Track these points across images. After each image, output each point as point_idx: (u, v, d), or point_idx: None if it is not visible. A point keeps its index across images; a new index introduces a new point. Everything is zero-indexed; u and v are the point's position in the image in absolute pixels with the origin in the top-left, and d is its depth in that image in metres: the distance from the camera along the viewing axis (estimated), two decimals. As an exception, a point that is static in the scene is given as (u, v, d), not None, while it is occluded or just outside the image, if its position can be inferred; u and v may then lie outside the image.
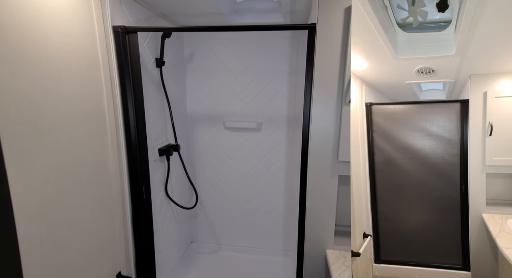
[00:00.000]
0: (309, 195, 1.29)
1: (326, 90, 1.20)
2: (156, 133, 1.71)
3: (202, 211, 2.37)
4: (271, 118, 2.11)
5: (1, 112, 0.77)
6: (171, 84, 1.92)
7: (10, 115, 0.80)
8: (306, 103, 1.22)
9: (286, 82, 2.05)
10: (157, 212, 1.74)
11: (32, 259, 0.88)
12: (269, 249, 2.33)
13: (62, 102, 1.00)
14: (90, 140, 1.15)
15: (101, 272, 1.24)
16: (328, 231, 1.31)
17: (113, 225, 1.31)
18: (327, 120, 1.22)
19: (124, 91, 1.29)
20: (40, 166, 0.91)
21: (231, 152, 2.21)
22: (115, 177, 1.32)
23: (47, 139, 0.94)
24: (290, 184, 2.19)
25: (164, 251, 1.88)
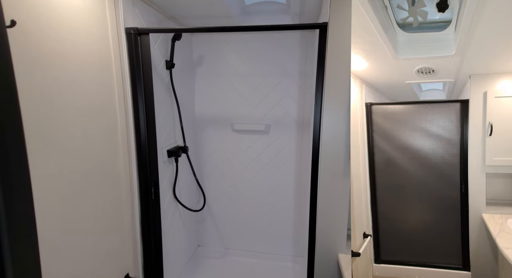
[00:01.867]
0: (320, 197, 1.26)
1: (338, 89, 1.19)
2: (165, 135, 1.72)
3: (209, 214, 2.35)
4: (280, 121, 2.10)
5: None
6: (180, 87, 1.92)
7: (26, 111, 0.81)
8: (317, 103, 1.22)
9: (295, 85, 2.04)
10: (165, 214, 1.74)
11: (44, 257, 0.88)
12: (278, 254, 2.29)
13: (76, 101, 1.02)
14: (101, 139, 1.16)
15: (111, 274, 1.24)
16: (340, 234, 1.27)
17: (122, 226, 1.31)
18: (338, 120, 1.20)
19: (135, 91, 1.31)
20: (53, 162, 0.92)
21: (239, 154, 2.20)
22: (125, 176, 1.32)
23: (61, 135, 0.95)
24: (299, 187, 2.17)
25: (171, 254, 1.87)
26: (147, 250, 1.43)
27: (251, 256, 2.31)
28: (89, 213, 1.10)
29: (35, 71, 0.85)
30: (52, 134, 0.92)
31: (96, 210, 1.13)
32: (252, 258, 2.29)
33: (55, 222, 0.94)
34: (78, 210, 1.04)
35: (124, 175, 1.32)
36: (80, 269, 1.05)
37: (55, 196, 0.94)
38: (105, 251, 1.19)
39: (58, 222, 0.95)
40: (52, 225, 0.93)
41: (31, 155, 0.83)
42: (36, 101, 0.86)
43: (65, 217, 0.98)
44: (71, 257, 1.01)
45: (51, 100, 0.91)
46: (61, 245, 0.96)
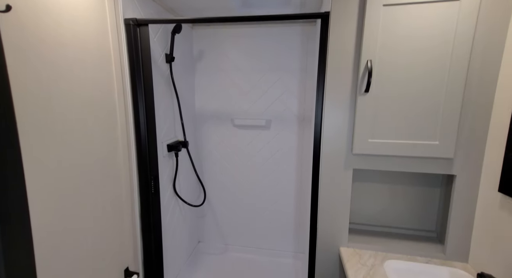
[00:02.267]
0: (322, 190, 1.26)
1: (340, 80, 1.17)
2: (165, 129, 1.70)
3: (209, 210, 2.34)
4: (280, 116, 2.08)
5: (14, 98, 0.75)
6: (180, 81, 1.90)
7: (22, 100, 0.80)
8: (319, 94, 1.20)
9: (296, 80, 2.02)
10: (165, 209, 1.73)
11: (43, 249, 0.87)
12: (278, 250, 2.28)
13: (74, 89, 1.00)
14: (100, 130, 1.14)
15: (111, 267, 1.22)
16: (342, 228, 1.27)
17: (122, 219, 1.29)
18: (340, 111, 1.19)
19: (134, 83, 1.29)
20: (52, 153, 0.90)
21: (240, 150, 2.19)
22: (124, 169, 1.30)
23: (59, 124, 0.93)
24: (300, 183, 2.15)
25: (171, 249, 1.86)
26: (147, 243, 1.41)
27: (251, 252, 2.29)
28: (89, 205, 1.08)
29: (32, 56, 0.84)
30: (50, 122, 0.90)
31: (96, 202, 1.12)
32: (253, 254, 2.28)
33: (55, 212, 0.92)
34: (77, 201, 1.02)
35: (124, 167, 1.30)
36: (79, 260, 1.04)
37: (54, 191, 0.92)
38: (104, 243, 1.18)
39: (58, 213, 0.93)
40: (52, 216, 0.91)
41: (29, 143, 0.82)
42: (32, 85, 0.84)
43: (63, 207, 0.96)
44: (71, 248, 0.99)
45: (48, 86, 0.90)
46: (59, 235, 0.94)
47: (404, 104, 1.10)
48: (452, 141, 1.08)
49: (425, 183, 1.34)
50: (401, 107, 1.10)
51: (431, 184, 1.34)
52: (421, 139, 1.11)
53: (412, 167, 1.16)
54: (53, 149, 0.91)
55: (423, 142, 1.10)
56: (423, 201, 1.36)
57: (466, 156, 1.11)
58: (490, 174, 1.05)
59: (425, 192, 1.35)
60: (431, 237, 1.36)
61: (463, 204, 1.15)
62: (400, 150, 1.13)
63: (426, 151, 1.11)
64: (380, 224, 1.43)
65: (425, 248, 1.26)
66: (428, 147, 1.10)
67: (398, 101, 1.10)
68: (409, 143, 1.11)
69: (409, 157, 1.15)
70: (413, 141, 1.11)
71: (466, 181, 1.13)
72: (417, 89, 1.08)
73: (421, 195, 1.36)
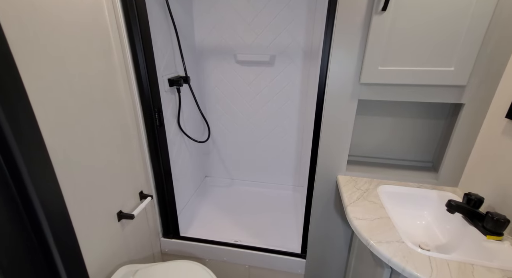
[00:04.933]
0: (324, 122, 1.25)
1: (352, 13, 1.05)
2: (164, 63, 1.63)
3: (214, 148, 2.42)
4: (286, 51, 1.94)
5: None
6: (178, 9, 1.73)
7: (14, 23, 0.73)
8: (329, 14, 1.08)
9: (304, 7, 1.81)
10: (171, 143, 1.78)
11: (60, 169, 0.93)
12: (280, 184, 2.44)
13: (66, 11, 0.92)
14: (96, 58, 1.07)
15: (127, 189, 1.32)
16: (341, 158, 1.31)
17: (131, 147, 1.34)
18: (352, 36, 1.08)
19: (125, 5, 1.17)
20: (51, 79, 0.87)
21: (243, 87, 2.13)
22: (127, 101, 1.29)
23: (54, 50, 0.87)
24: (304, 121, 2.16)
25: (180, 181, 1.99)
26: (157, 171, 1.51)
27: (255, 185, 2.48)
28: (96, 131, 1.10)
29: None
30: (43, 48, 0.84)
31: (102, 129, 1.13)
32: (257, 187, 2.47)
33: (63, 135, 0.95)
34: (85, 125, 1.04)
35: (127, 99, 1.28)
36: (97, 179, 1.11)
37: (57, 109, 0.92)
38: (118, 168, 1.24)
39: (66, 137, 0.96)
40: (62, 137, 0.94)
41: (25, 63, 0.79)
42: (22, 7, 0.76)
43: (72, 131, 0.98)
44: (86, 169, 1.06)
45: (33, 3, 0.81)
46: (73, 156, 0.99)
47: (424, 26, 1.00)
48: (468, 67, 1.02)
49: (430, 115, 1.33)
50: (420, 30, 1.01)
51: (436, 115, 1.33)
52: (435, 65, 1.04)
53: (420, 96, 1.13)
54: (50, 70, 0.88)
55: (437, 68, 1.04)
56: (425, 133, 1.37)
57: (479, 84, 1.07)
58: (501, 102, 1.03)
59: (428, 124, 1.35)
60: (426, 166, 1.42)
61: (465, 132, 1.16)
62: (412, 77, 1.07)
63: (438, 78, 1.06)
64: (379, 156, 1.48)
65: (419, 175, 1.32)
66: (441, 73, 1.05)
67: (417, 23, 1.00)
68: (422, 69, 1.06)
69: (418, 85, 1.11)
70: (426, 68, 1.05)
71: (473, 110, 1.11)
72: (442, 9, 0.96)
73: (424, 127, 1.36)
